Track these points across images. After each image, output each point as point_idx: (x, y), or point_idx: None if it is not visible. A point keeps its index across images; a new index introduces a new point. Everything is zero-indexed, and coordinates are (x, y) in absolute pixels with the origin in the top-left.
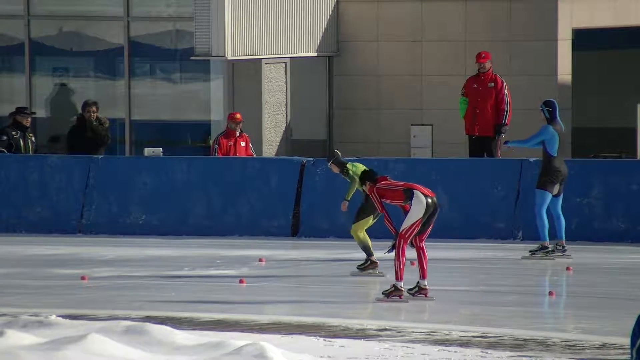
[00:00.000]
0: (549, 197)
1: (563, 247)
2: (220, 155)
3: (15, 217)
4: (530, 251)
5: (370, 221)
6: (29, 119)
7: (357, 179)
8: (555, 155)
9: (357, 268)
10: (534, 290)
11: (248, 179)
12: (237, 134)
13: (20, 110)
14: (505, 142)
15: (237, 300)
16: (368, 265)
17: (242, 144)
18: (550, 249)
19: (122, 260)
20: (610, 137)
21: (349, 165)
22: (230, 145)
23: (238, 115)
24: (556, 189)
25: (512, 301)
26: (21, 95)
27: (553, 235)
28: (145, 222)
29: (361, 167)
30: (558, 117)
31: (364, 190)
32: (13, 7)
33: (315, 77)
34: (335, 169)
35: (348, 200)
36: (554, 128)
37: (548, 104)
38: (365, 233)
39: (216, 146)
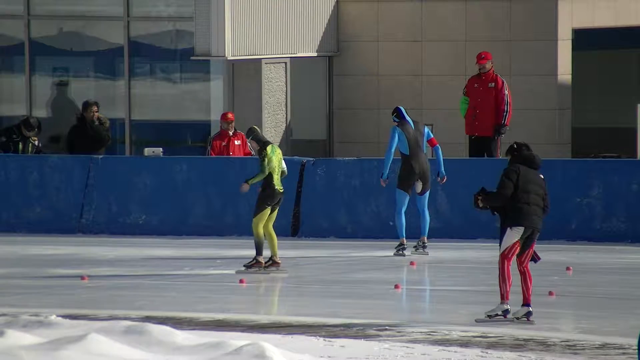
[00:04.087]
0: (407, 196)
1: (424, 243)
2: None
3: (15, 217)
4: (396, 248)
5: (268, 211)
6: (32, 134)
7: (266, 172)
8: (407, 154)
9: (243, 266)
10: (534, 290)
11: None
12: (231, 133)
13: (26, 123)
14: (381, 176)
15: (237, 300)
16: (254, 264)
17: (237, 142)
18: (405, 246)
19: (122, 260)
20: (610, 137)
21: (268, 149)
22: (224, 145)
23: (230, 115)
24: (419, 187)
25: (512, 301)
26: (21, 95)
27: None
28: (145, 222)
29: (277, 158)
30: (407, 118)
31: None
32: (13, 7)
33: (315, 77)
34: (255, 145)
35: (248, 184)
36: (401, 129)
37: (393, 112)
38: (263, 230)
39: (209, 147)
